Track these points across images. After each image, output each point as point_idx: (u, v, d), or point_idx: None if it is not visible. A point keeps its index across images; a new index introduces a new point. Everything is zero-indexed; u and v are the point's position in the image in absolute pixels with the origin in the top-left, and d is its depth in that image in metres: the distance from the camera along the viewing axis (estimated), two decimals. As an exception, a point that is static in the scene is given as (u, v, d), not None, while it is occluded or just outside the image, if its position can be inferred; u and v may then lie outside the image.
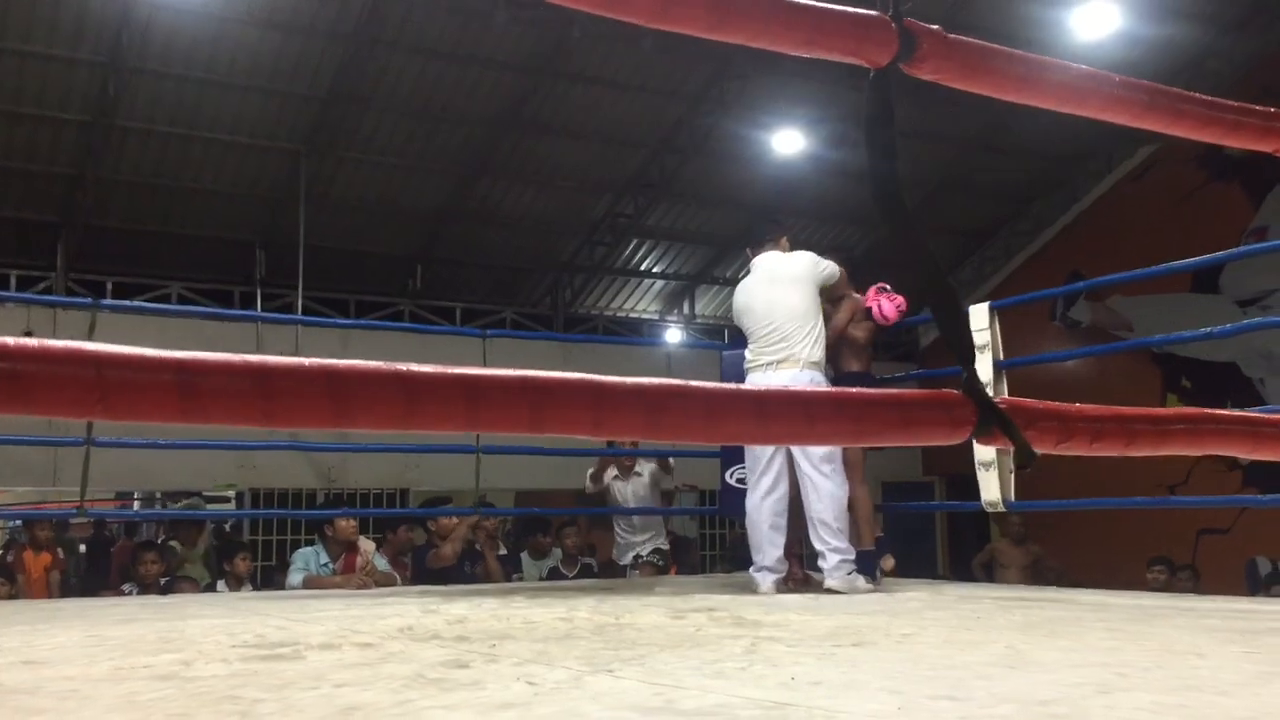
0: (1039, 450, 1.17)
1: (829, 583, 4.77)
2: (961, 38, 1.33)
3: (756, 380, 4.94)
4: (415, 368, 0.93)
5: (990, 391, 4.43)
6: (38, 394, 0.80)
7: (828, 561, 4.80)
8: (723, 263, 13.50)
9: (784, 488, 4.97)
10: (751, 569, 5.00)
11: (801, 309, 4.97)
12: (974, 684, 2.09)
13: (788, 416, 1.08)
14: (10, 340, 0.79)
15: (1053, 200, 13.19)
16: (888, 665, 2.42)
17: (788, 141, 11.44)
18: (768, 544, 4.93)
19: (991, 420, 1.17)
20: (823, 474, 4.81)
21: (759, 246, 5.32)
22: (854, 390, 1.15)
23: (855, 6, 1.28)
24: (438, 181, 11.38)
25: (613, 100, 10.91)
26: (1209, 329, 4.89)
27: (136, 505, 11.16)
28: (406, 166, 11.08)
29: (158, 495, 11.68)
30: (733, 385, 1.08)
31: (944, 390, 1.25)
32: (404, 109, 10.42)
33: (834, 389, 1.25)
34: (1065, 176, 12.99)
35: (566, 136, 11.19)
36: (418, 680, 2.20)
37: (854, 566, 4.81)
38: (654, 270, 13.47)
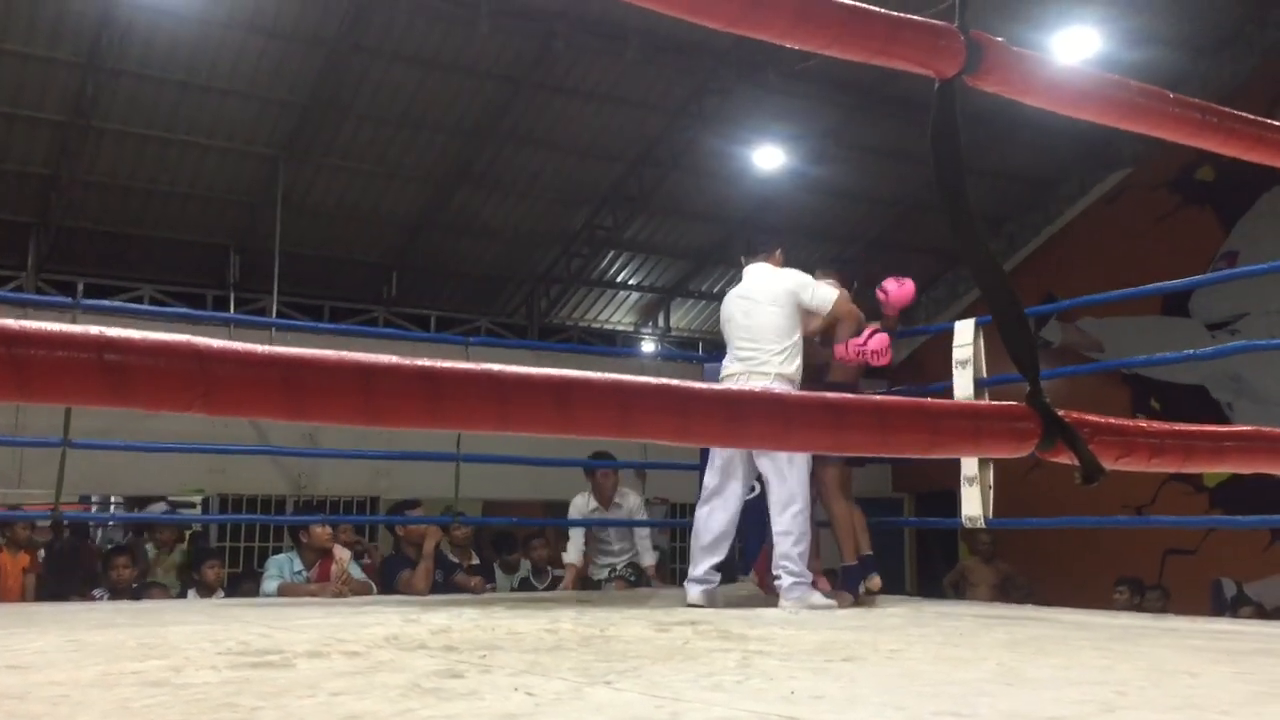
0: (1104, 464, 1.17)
1: (781, 604, 4.71)
2: (1026, 51, 1.34)
3: None
4: (510, 369, 0.91)
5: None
6: (141, 387, 0.78)
7: (783, 581, 4.75)
8: (699, 276, 13.52)
9: (738, 503, 4.94)
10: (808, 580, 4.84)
11: (779, 326, 4.93)
12: (976, 700, 2.09)
13: (863, 425, 1.07)
14: (116, 332, 0.77)
15: (1026, 222, 13.30)
16: (884, 680, 2.42)
17: (768, 157, 11.49)
18: (707, 555, 4.91)
19: (1056, 434, 1.17)
20: (783, 479, 4.78)
21: (752, 256, 5.27)
22: (929, 400, 1.15)
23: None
24: (416, 189, 11.34)
25: (593, 112, 10.92)
26: (1190, 351, 4.93)
27: (94, 509, 11.01)
28: (385, 174, 11.04)
29: (116, 500, 11.53)
30: (804, 393, 1.06)
31: (1010, 403, 1.25)
32: (384, 116, 10.38)
33: (910, 399, 1.25)
34: (1039, 199, 13.11)
35: (546, 147, 11.19)
36: (414, 689, 2.18)
37: (807, 583, 4.73)
38: (630, 282, 13.48)
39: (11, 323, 0.75)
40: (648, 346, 13.87)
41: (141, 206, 10.63)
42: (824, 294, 5.06)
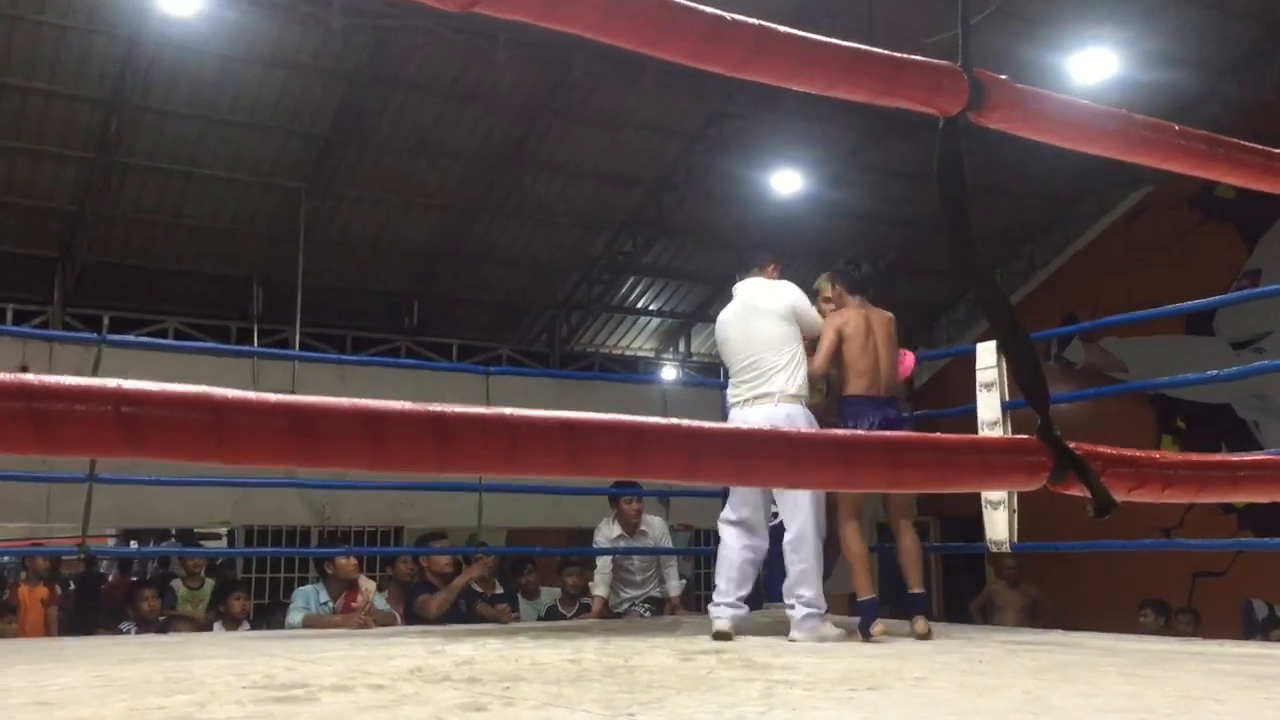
0: (1116, 497, 1.17)
1: (791, 634, 4.59)
2: (1030, 88, 1.35)
3: (735, 418, 4.74)
4: (519, 413, 0.92)
5: (998, 430, 4.43)
6: (157, 437, 0.80)
7: (795, 612, 4.62)
8: (719, 301, 13.43)
9: (763, 529, 4.86)
10: (816, 611, 4.63)
11: (779, 337, 4.79)
12: (1000, 730, 2.08)
13: (873, 461, 1.07)
14: (133, 384, 0.78)
15: (1046, 242, 13.26)
16: (911, 711, 2.41)
17: (786, 181, 11.51)
18: (733, 582, 4.79)
19: (1067, 466, 1.17)
20: (796, 507, 4.66)
21: (745, 272, 5.17)
22: (939, 436, 1.15)
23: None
24: (436, 218, 11.42)
25: (611, 139, 10.97)
26: (1213, 372, 4.90)
27: (112, 542, 11.06)
28: (405, 203, 11.12)
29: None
30: (813, 431, 1.06)
31: (1022, 436, 1.25)
32: (404, 146, 10.47)
33: (918, 434, 1.24)
34: (1058, 218, 13.08)
35: (565, 174, 11.25)
36: (437, 723, 2.18)
37: (819, 614, 4.58)
38: (650, 308, 13.50)
39: (31, 377, 0.77)
40: (669, 372, 13.87)
41: (166, 240, 10.74)
42: (816, 318, 4.97)
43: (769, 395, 4.69)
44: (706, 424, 0.99)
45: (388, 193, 10.91)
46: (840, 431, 1.05)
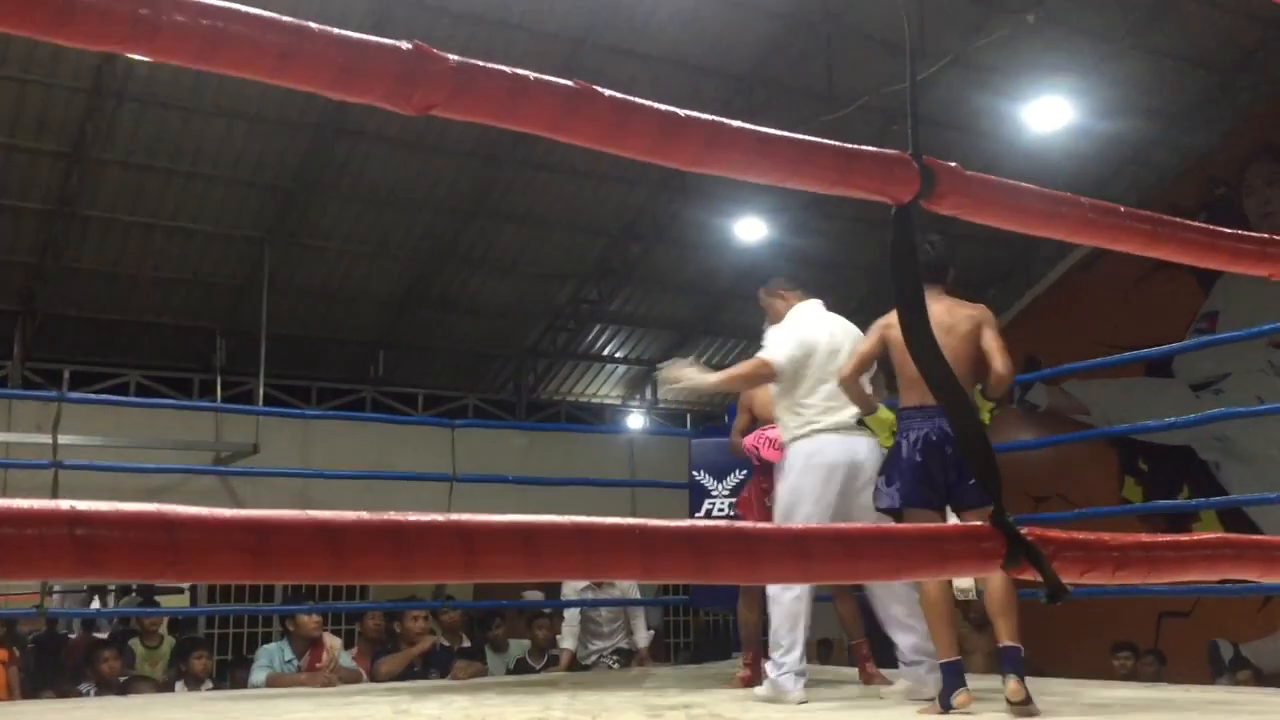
0: (1065, 580, 1.19)
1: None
2: (980, 175, 1.38)
3: (833, 445, 4.25)
4: (476, 519, 0.93)
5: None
6: (112, 559, 0.80)
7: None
8: (685, 347, 13.55)
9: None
10: (780, 670, 4.15)
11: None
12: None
13: (830, 555, 1.08)
14: (86, 506, 0.78)
15: (1007, 286, 13.42)
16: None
17: (750, 229, 11.59)
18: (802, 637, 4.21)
19: (1020, 552, 1.18)
20: None
21: (808, 293, 4.73)
22: (894, 526, 1.16)
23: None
24: (401, 268, 11.41)
25: (575, 188, 11.03)
26: (1173, 419, 4.96)
27: (57, 599, 10.91)
28: (369, 254, 11.11)
29: (111, 588, 11.43)
30: (773, 526, 1.07)
31: (974, 524, 1.27)
32: (367, 198, 10.47)
33: (874, 526, 1.25)
34: (1019, 262, 13.24)
35: (530, 223, 11.29)
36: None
37: (783, 671, 4.13)
38: (617, 355, 13.52)
39: (-17, 501, 0.76)
40: (635, 420, 13.87)
41: (127, 292, 10.67)
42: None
43: (857, 426, 4.24)
44: (659, 523, 1.00)
45: (351, 243, 10.90)
46: (797, 526, 1.05)
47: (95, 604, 10.39)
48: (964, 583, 5.01)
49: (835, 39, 9.63)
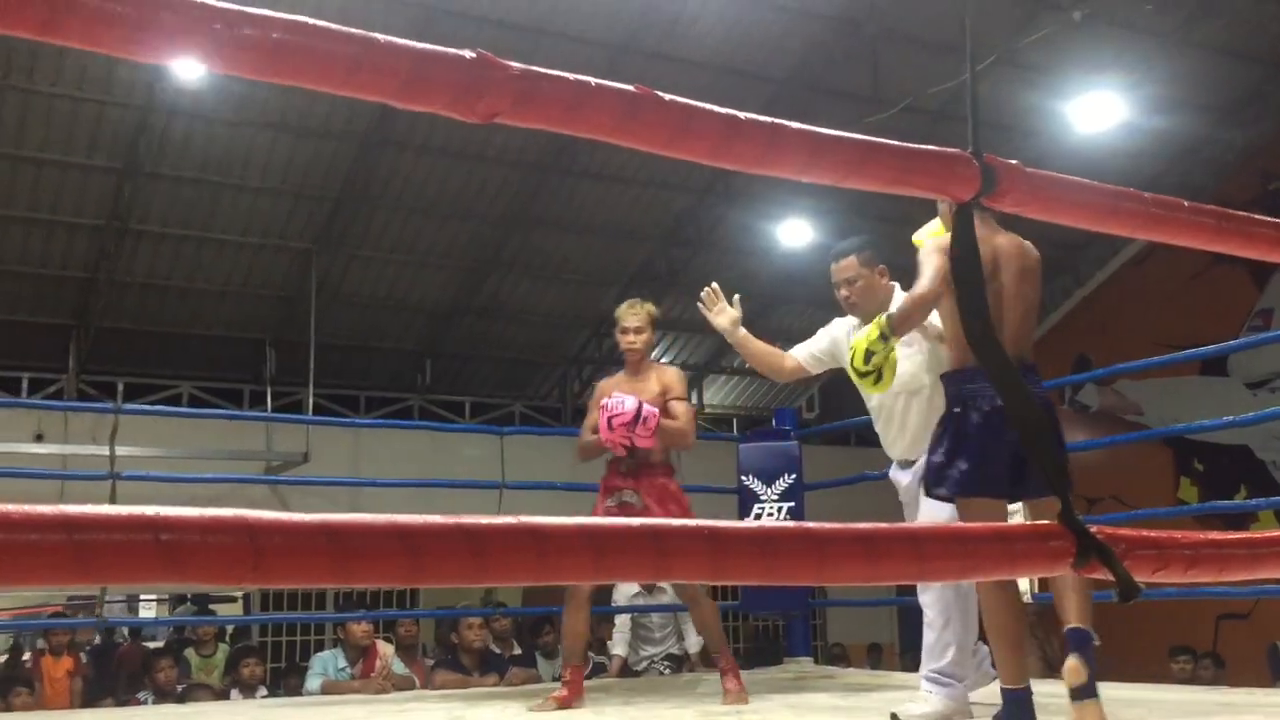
0: (1138, 579, 1.17)
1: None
2: (1040, 171, 1.37)
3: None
4: (547, 521, 0.94)
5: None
6: (195, 563, 0.81)
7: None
8: (731, 352, 13.54)
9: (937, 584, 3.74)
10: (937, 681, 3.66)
11: None
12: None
13: (898, 554, 1.08)
14: (171, 511, 0.80)
15: (1057, 285, 13.28)
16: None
17: (794, 232, 11.55)
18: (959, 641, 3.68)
19: (1090, 551, 1.17)
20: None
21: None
22: (964, 526, 1.15)
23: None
24: (446, 277, 11.49)
25: (619, 195, 11.06)
26: (1229, 418, 4.88)
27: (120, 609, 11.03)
28: (416, 263, 11.19)
29: (165, 597, 11.57)
30: (840, 525, 1.07)
31: (1044, 523, 1.26)
32: (413, 207, 10.56)
33: (943, 526, 1.23)
34: (1068, 261, 13.09)
35: (574, 231, 11.32)
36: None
37: (943, 688, 3.63)
38: (662, 361, 13.50)
39: (73, 509, 0.78)
40: (682, 424, 13.82)
41: (178, 305, 10.82)
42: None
43: None
44: (727, 524, 1.00)
45: (398, 253, 10.99)
46: (865, 525, 1.05)
47: (144, 613, 10.53)
48: (1020, 586, 4.96)
49: (879, 40, 9.59)
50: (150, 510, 0.79)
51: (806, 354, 4.22)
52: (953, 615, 3.67)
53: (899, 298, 3.83)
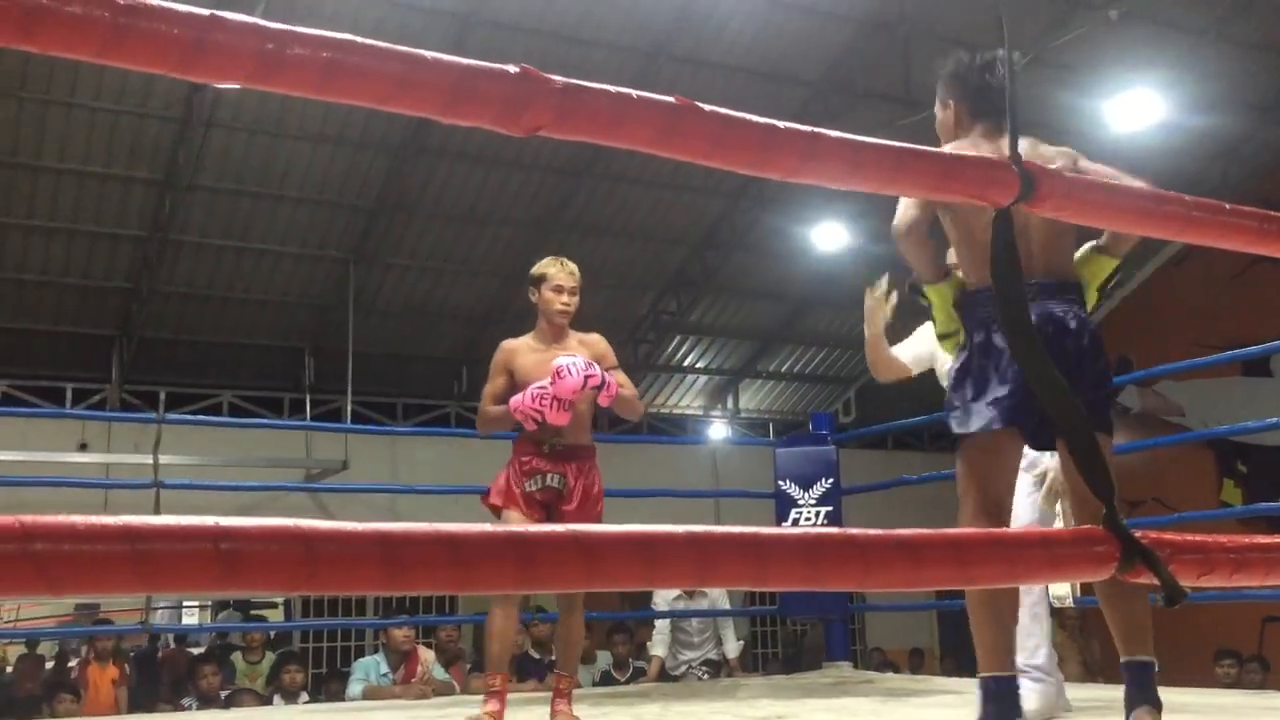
0: (1183, 584, 1.17)
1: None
2: (1079, 177, 1.37)
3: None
4: (593, 529, 0.95)
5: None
6: (253, 572, 0.83)
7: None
8: (766, 356, 13.54)
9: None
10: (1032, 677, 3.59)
11: None
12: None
13: (940, 560, 1.08)
14: (230, 522, 0.82)
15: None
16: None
17: (829, 235, 11.52)
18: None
19: (1135, 555, 1.17)
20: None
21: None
22: (1006, 531, 1.15)
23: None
24: (483, 284, 11.54)
25: (654, 200, 11.08)
26: (1274, 419, 4.83)
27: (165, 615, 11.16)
28: (452, 271, 11.26)
29: (207, 604, 11.70)
30: (883, 531, 1.07)
31: (1087, 527, 1.26)
32: (449, 214, 10.62)
33: (985, 531, 1.22)
34: (1106, 262, 12.98)
35: (609, 236, 11.35)
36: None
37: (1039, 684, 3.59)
38: (698, 366, 13.52)
39: (135, 520, 0.80)
40: (718, 430, 13.84)
41: (218, 315, 10.94)
42: None
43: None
44: (771, 530, 1.00)
45: (434, 260, 11.06)
46: (906, 531, 1.05)
47: (187, 619, 10.65)
48: (1059, 589, 4.92)
49: (911, 41, 9.56)
50: (210, 520, 0.81)
51: (910, 355, 4.04)
52: (1040, 612, 3.67)
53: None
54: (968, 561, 1.09)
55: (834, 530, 1.07)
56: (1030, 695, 3.40)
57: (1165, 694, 4.31)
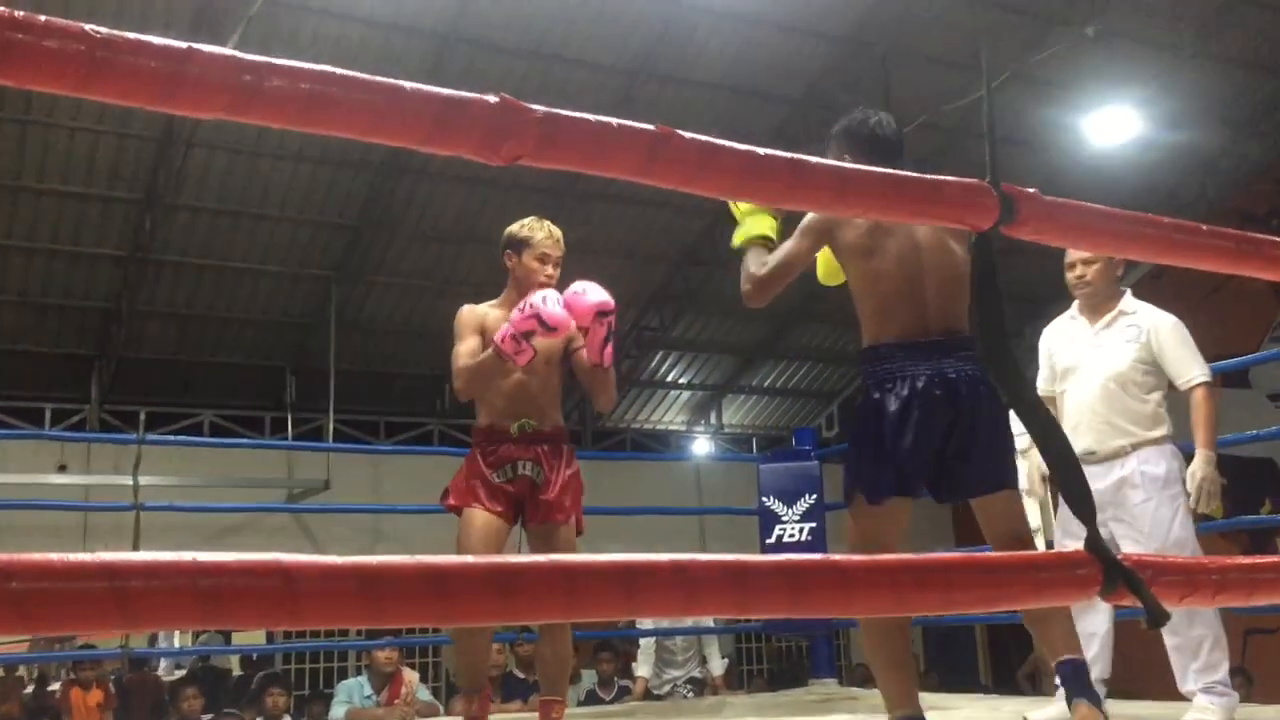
0: (1167, 606, 1.17)
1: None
2: (1059, 200, 1.38)
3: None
4: (575, 559, 0.95)
5: (1040, 491, 4.16)
6: (233, 608, 0.83)
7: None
8: (748, 372, 13.56)
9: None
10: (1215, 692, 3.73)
11: None
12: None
13: (924, 584, 1.08)
14: (209, 558, 0.81)
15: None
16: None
17: (810, 252, 11.55)
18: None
19: (1117, 578, 1.17)
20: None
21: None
22: (989, 555, 1.16)
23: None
24: (465, 302, 11.41)
25: (636, 216, 11.09)
26: (1252, 432, 4.86)
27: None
28: (434, 289, 11.23)
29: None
30: (872, 556, 1.07)
31: (1070, 550, 1.26)
32: (431, 233, 10.61)
33: (969, 555, 1.23)
34: (1086, 276, 13.06)
35: (590, 253, 11.31)
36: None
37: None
38: (680, 381, 13.53)
39: (113, 556, 0.80)
40: (701, 445, 13.84)
41: (199, 334, 10.90)
42: None
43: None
44: (753, 558, 1.00)
45: (416, 278, 11.04)
46: (891, 557, 1.05)
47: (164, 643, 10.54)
48: (1043, 604, 4.91)
49: (890, 59, 9.61)
50: (188, 556, 0.81)
51: (1045, 386, 4.09)
52: (1216, 627, 3.77)
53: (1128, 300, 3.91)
54: (951, 586, 1.09)
55: (817, 558, 1.07)
56: (1219, 710, 3.66)
57: (1148, 708, 4.32)
